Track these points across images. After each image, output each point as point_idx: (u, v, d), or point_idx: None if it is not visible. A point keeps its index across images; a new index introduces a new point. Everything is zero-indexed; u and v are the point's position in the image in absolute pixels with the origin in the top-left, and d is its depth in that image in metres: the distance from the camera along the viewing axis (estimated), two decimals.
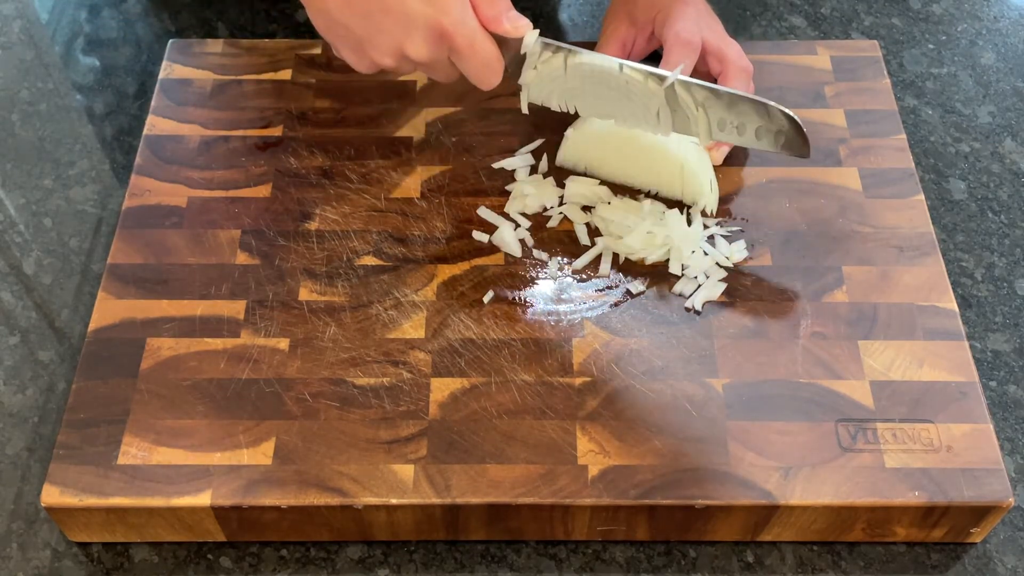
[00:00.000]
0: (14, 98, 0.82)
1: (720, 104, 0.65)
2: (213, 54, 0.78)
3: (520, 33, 0.63)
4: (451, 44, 0.60)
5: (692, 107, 0.65)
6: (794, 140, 0.65)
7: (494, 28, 0.62)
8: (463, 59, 0.62)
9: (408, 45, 0.60)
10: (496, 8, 0.61)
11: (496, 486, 0.58)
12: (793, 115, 0.64)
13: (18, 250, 0.73)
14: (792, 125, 0.64)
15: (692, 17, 0.71)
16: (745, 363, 0.62)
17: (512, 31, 0.62)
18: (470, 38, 0.60)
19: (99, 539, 0.60)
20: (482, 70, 0.62)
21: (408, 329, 0.64)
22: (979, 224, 0.74)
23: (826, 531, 0.60)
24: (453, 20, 0.59)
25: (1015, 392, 0.67)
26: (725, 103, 0.65)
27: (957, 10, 0.88)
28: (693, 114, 0.65)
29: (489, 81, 0.63)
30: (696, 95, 0.64)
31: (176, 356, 0.62)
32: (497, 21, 0.61)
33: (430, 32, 0.60)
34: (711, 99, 0.64)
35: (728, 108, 0.65)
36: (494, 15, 0.61)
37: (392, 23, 0.60)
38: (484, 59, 0.62)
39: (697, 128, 0.66)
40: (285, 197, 0.70)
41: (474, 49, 0.61)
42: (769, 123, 0.65)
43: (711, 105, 0.65)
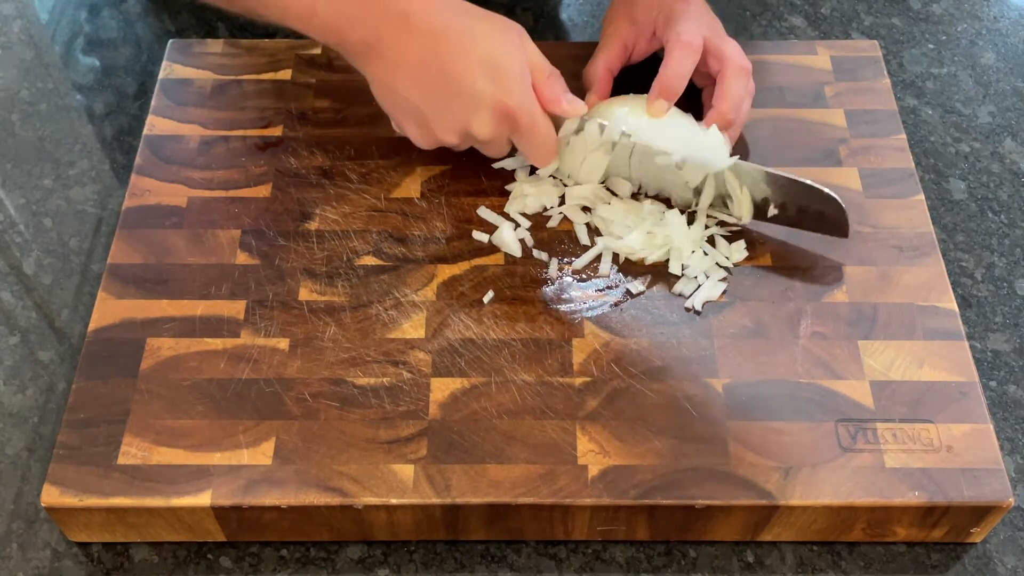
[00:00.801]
0: (14, 98, 0.82)
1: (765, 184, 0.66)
2: (213, 54, 0.78)
3: (578, 114, 0.66)
4: (514, 124, 0.64)
5: (736, 187, 0.67)
6: (833, 221, 0.66)
7: (552, 109, 0.65)
8: (523, 138, 0.65)
9: (474, 124, 0.63)
10: (554, 90, 0.65)
11: (496, 486, 0.58)
12: (838, 199, 0.65)
13: (18, 250, 0.73)
14: (835, 208, 0.65)
15: (693, 18, 0.71)
16: (745, 363, 0.62)
17: (571, 112, 0.66)
18: (531, 118, 0.64)
19: (99, 539, 0.60)
20: (540, 149, 0.66)
21: (408, 329, 0.64)
22: (979, 224, 0.74)
23: (826, 531, 0.60)
24: (517, 101, 0.63)
25: (1015, 392, 0.67)
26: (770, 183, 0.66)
27: (957, 10, 0.88)
28: (736, 194, 0.67)
29: (546, 159, 0.67)
30: (743, 176, 0.66)
31: (176, 356, 0.62)
32: (557, 102, 0.65)
33: (495, 112, 0.63)
34: (758, 181, 0.66)
35: (772, 189, 0.66)
36: (553, 96, 0.65)
37: (460, 103, 0.63)
38: (543, 139, 0.65)
39: (739, 208, 0.68)
40: (285, 197, 0.70)
41: (535, 130, 0.64)
42: (812, 204, 0.66)
43: (756, 185, 0.67)
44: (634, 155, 0.68)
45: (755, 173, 0.66)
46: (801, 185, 0.65)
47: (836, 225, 0.66)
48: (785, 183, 0.66)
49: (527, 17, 0.88)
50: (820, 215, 0.66)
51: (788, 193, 0.66)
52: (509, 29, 0.64)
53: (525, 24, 0.67)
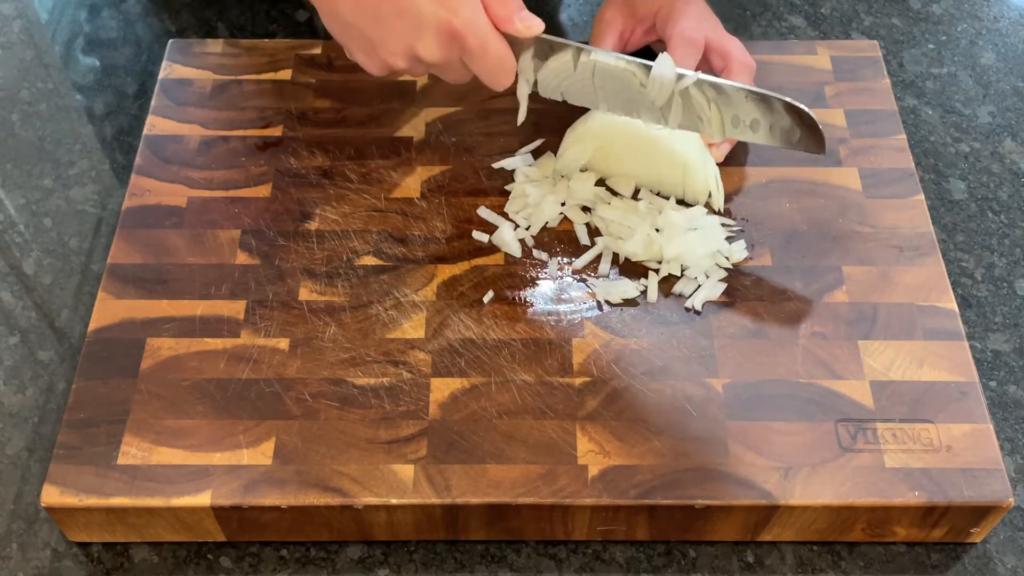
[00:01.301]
0: (14, 98, 0.82)
1: (733, 101, 0.64)
2: (213, 54, 0.78)
3: (533, 33, 0.62)
4: (462, 45, 0.60)
5: (704, 105, 0.65)
6: (808, 136, 0.64)
7: (506, 28, 0.61)
8: (475, 60, 0.62)
9: (419, 46, 0.60)
10: (508, 8, 0.61)
11: (496, 486, 0.58)
12: (808, 111, 0.63)
13: (18, 250, 0.73)
14: (805, 121, 0.64)
15: (695, 15, 0.71)
16: (745, 363, 0.62)
17: (524, 31, 0.62)
18: (482, 38, 0.60)
19: (99, 539, 0.60)
20: (494, 71, 0.62)
21: (408, 329, 0.64)
22: (979, 224, 0.74)
23: (826, 531, 0.60)
24: (464, 20, 0.59)
25: (1015, 392, 0.67)
26: (738, 99, 0.64)
27: (957, 10, 0.88)
28: (705, 112, 0.65)
29: (501, 82, 0.63)
30: (708, 92, 0.64)
31: (176, 356, 0.62)
32: (509, 21, 0.61)
33: (441, 33, 0.60)
34: (724, 96, 0.64)
35: (741, 105, 0.64)
36: (506, 15, 0.61)
37: (403, 24, 0.60)
38: (496, 60, 0.62)
39: (710, 126, 0.65)
40: (285, 197, 0.70)
41: (486, 50, 0.61)
42: (782, 119, 0.64)
43: (724, 102, 0.64)
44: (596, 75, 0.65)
45: (722, 87, 0.64)
46: (769, 98, 0.64)
47: (811, 139, 0.65)
48: (753, 97, 0.64)
49: None
50: (793, 131, 0.65)
51: (758, 109, 0.64)
52: None
53: None
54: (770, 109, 0.64)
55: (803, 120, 0.64)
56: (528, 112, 0.68)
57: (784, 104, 0.63)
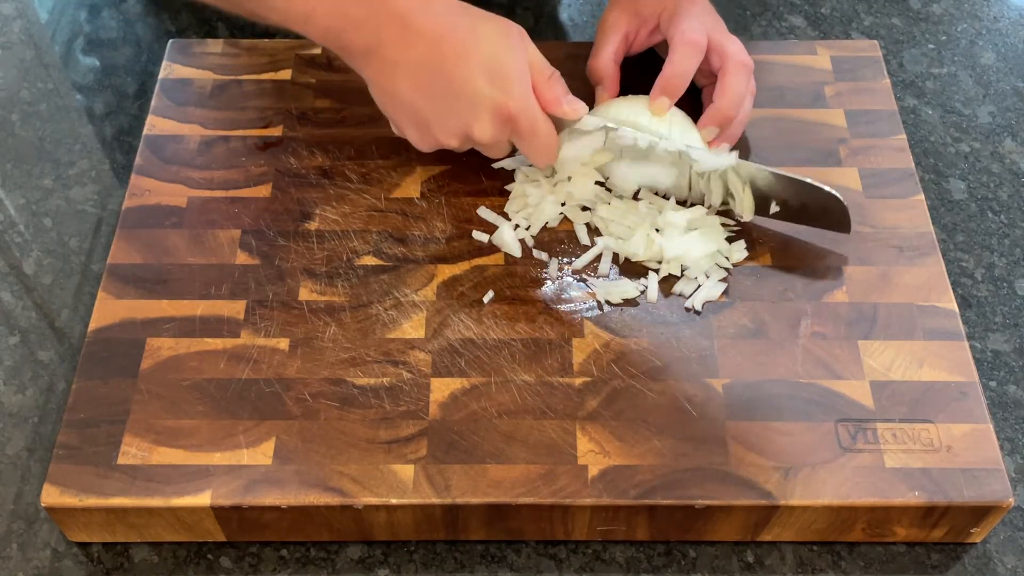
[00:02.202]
0: (14, 98, 0.82)
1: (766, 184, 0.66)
2: (213, 54, 0.78)
3: (578, 116, 0.66)
4: (515, 127, 0.64)
5: (739, 186, 0.67)
6: (835, 218, 0.66)
7: (553, 110, 0.65)
8: (524, 141, 0.65)
9: (475, 127, 0.63)
10: (555, 92, 0.65)
11: (496, 486, 0.58)
12: (838, 196, 0.65)
13: (18, 250, 0.73)
14: (837, 205, 0.65)
15: (698, 16, 0.71)
16: (745, 363, 0.62)
17: (571, 114, 0.65)
18: (532, 121, 0.64)
19: (99, 539, 0.60)
20: (542, 151, 0.66)
21: (408, 329, 0.64)
22: (979, 224, 0.74)
23: (826, 531, 0.60)
24: (518, 104, 0.62)
25: (1015, 392, 0.67)
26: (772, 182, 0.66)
27: (957, 10, 0.88)
28: (738, 192, 0.67)
29: (546, 161, 0.67)
30: (743, 175, 0.66)
31: (176, 356, 0.62)
32: (557, 103, 0.65)
33: (496, 115, 0.62)
34: (759, 178, 0.66)
35: (773, 188, 0.66)
36: (553, 98, 0.65)
37: (461, 106, 0.62)
38: (544, 141, 0.65)
39: (740, 204, 0.68)
40: (285, 197, 0.70)
41: (535, 132, 0.64)
42: (812, 202, 0.66)
43: (757, 184, 0.67)
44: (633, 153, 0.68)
45: (755, 171, 0.66)
46: (802, 183, 0.65)
47: (838, 221, 0.67)
48: (786, 181, 0.66)
49: (527, 17, 0.88)
50: (822, 211, 0.66)
51: (789, 190, 0.66)
52: (510, 30, 0.64)
53: (525, 24, 0.67)
54: (802, 192, 0.66)
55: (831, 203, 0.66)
56: None
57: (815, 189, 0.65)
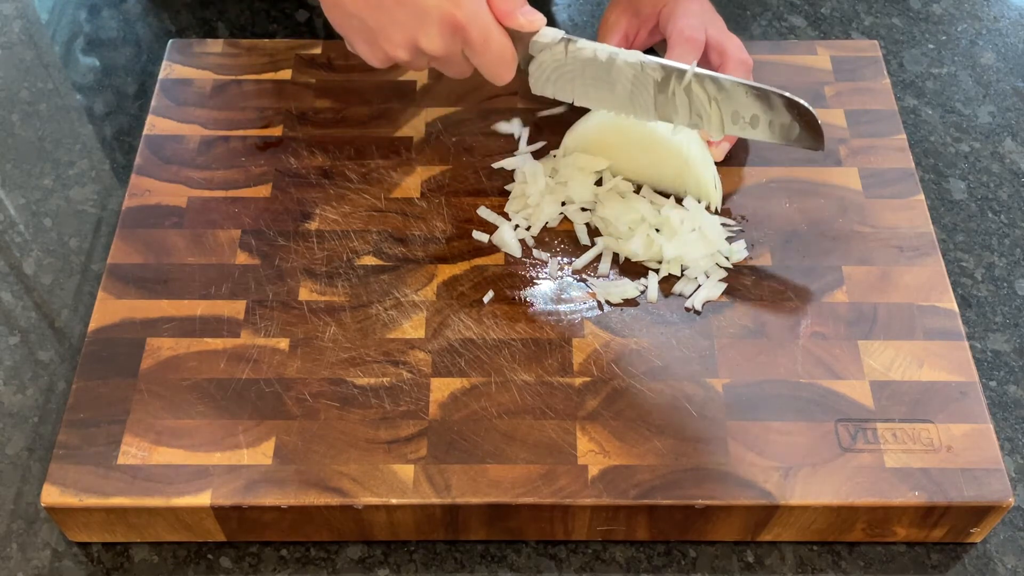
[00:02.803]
0: (14, 98, 0.82)
1: (733, 97, 0.64)
2: (213, 54, 0.78)
3: (535, 28, 0.63)
4: (465, 37, 0.61)
5: (705, 102, 0.64)
6: (807, 132, 0.64)
7: (508, 22, 0.62)
8: (476, 53, 0.62)
9: (422, 37, 0.61)
10: (510, 3, 0.61)
11: (496, 486, 0.58)
12: (807, 106, 0.63)
13: (18, 250, 0.73)
14: (804, 117, 0.63)
15: (697, 13, 0.71)
16: (745, 363, 0.62)
17: (527, 25, 0.62)
18: (484, 32, 0.61)
19: (99, 539, 0.60)
20: (496, 65, 0.62)
21: (408, 329, 0.64)
22: (979, 224, 0.74)
23: (826, 531, 0.60)
24: (467, 13, 0.60)
25: (1015, 392, 0.67)
26: (738, 95, 0.64)
27: (957, 10, 0.88)
28: (706, 109, 0.65)
29: (502, 76, 0.63)
30: (708, 88, 0.64)
31: (176, 356, 0.62)
32: (512, 15, 0.62)
33: (444, 24, 0.60)
34: (723, 92, 0.64)
35: (741, 100, 0.64)
36: (508, 10, 0.61)
37: (406, 15, 0.60)
38: (498, 53, 0.62)
39: (710, 123, 0.65)
40: (285, 197, 0.70)
41: (488, 43, 0.61)
42: (781, 115, 0.64)
43: (723, 98, 0.64)
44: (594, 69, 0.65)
45: (722, 83, 0.64)
46: (770, 92, 0.63)
47: (810, 136, 0.64)
48: (753, 92, 0.64)
49: None
50: (792, 127, 0.64)
51: (758, 105, 0.64)
52: None
53: None
54: (769, 105, 0.64)
55: (802, 116, 0.63)
56: (530, 112, 0.68)
57: (784, 100, 0.63)
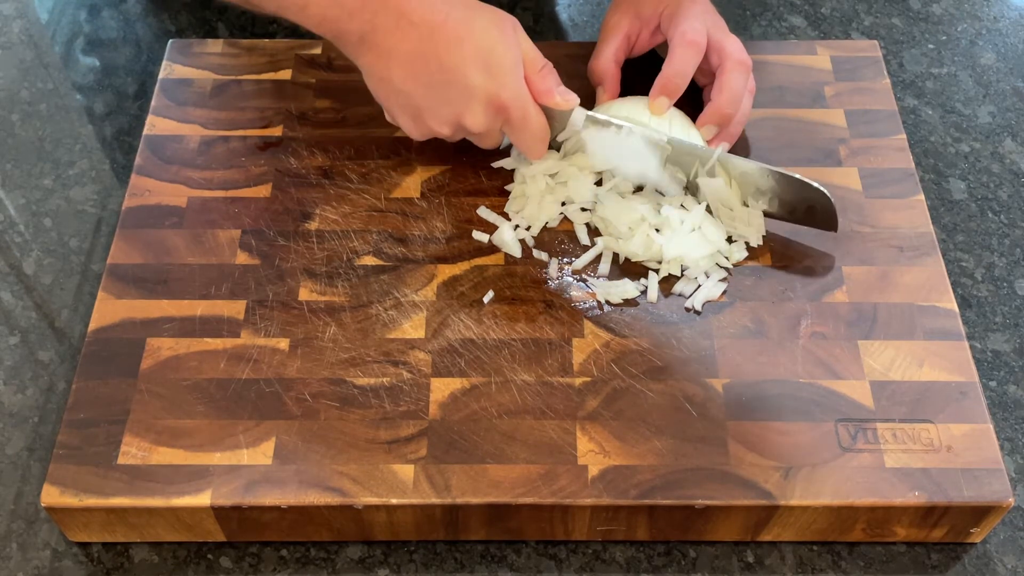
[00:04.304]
0: (14, 98, 0.82)
1: (753, 178, 0.66)
2: (213, 54, 0.78)
3: (570, 107, 0.66)
4: (506, 117, 0.64)
5: (726, 181, 0.67)
6: (823, 214, 0.66)
7: (545, 101, 0.66)
8: (515, 131, 0.66)
9: (467, 116, 0.64)
10: (547, 83, 0.65)
11: (496, 486, 0.58)
12: (824, 191, 0.65)
13: (18, 250, 0.73)
14: (821, 200, 0.65)
15: (698, 15, 0.71)
16: (745, 363, 0.62)
17: (563, 104, 0.66)
18: (524, 111, 0.64)
19: (99, 539, 0.60)
20: (533, 142, 0.66)
21: (408, 329, 0.64)
22: (979, 224, 0.74)
23: (826, 531, 0.60)
24: (510, 94, 0.63)
25: (1015, 392, 0.67)
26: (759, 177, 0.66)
27: (957, 10, 0.88)
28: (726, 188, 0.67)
29: (538, 152, 0.67)
30: (731, 170, 0.67)
31: (176, 356, 0.62)
32: (549, 95, 0.65)
33: (489, 105, 0.63)
34: (745, 174, 0.66)
35: (762, 182, 0.66)
36: (546, 89, 0.65)
37: (454, 95, 0.63)
38: (535, 132, 0.66)
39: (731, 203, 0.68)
40: (285, 197, 0.70)
41: (527, 122, 0.65)
42: (800, 200, 0.66)
43: (744, 180, 0.67)
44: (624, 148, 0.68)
45: (743, 166, 0.66)
46: (790, 179, 0.65)
47: (826, 219, 0.66)
48: (774, 177, 0.66)
49: (527, 17, 0.88)
50: (811, 209, 0.66)
51: (777, 187, 0.66)
52: (504, 22, 0.64)
53: (525, 24, 0.67)
54: (788, 186, 0.66)
55: (818, 199, 0.66)
56: None
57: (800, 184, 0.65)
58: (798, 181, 0.65)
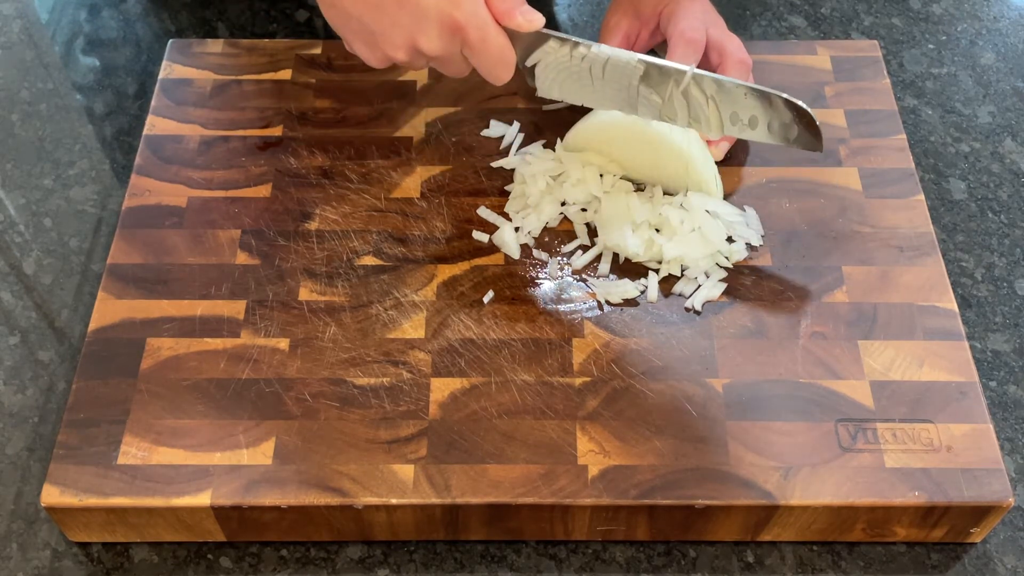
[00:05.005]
0: (14, 98, 0.82)
1: (731, 97, 0.64)
2: (213, 54, 0.78)
3: (533, 27, 0.62)
4: (463, 37, 0.61)
5: (703, 102, 0.64)
6: (806, 133, 0.64)
7: (506, 22, 0.62)
8: (475, 53, 0.62)
9: (421, 38, 0.61)
10: (508, 2, 0.61)
11: (496, 486, 0.58)
12: (806, 108, 0.63)
13: (18, 250, 0.73)
14: (803, 118, 0.63)
15: (698, 15, 0.71)
16: (745, 363, 0.62)
17: (525, 25, 0.62)
18: (482, 31, 0.60)
19: (99, 539, 0.60)
20: (494, 64, 0.62)
21: (408, 329, 0.64)
22: (979, 224, 0.74)
23: (826, 531, 0.60)
24: (466, 13, 0.60)
25: (1015, 392, 0.67)
26: (737, 96, 0.64)
27: (957, 10, 0.88)
28: (704, 110, 0.65)
29: (500, 76, 0.63)
30: (707, 89, 0.64)
31: (176, 356, 0.62)
32: (510, 15, 0.61)
33: (443, 25, 0.60)
34: (722, 92, 0.64)
35: (739, 101, 0.64)
36: (506, 9, 0.61)
37: (405, 16, 0.60)
38: (496, 54, 0.62)
39: (708, 124, 0.65)
40: (285, 197, 0.70)
41: (486, 43, 0.61)
42: (780, 116, 0.64)
43: (722, 99, 0.64)
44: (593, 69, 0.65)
45: (721, 84, 0.64)
46: (767, 94, 0.63)
47: (809, 137, 0.64)
48: (752, 93, 0.64)
49: None
50: (791, 128, 0.64)
51: (757, 106, 0.64)
52: None
53: None
54: (768, 105, 0.64)
55: (801, 117, 0.63)
56: (530, 112, 0.67)
57: (782, 100, 0.63)
58: (777, 98, 0.63)
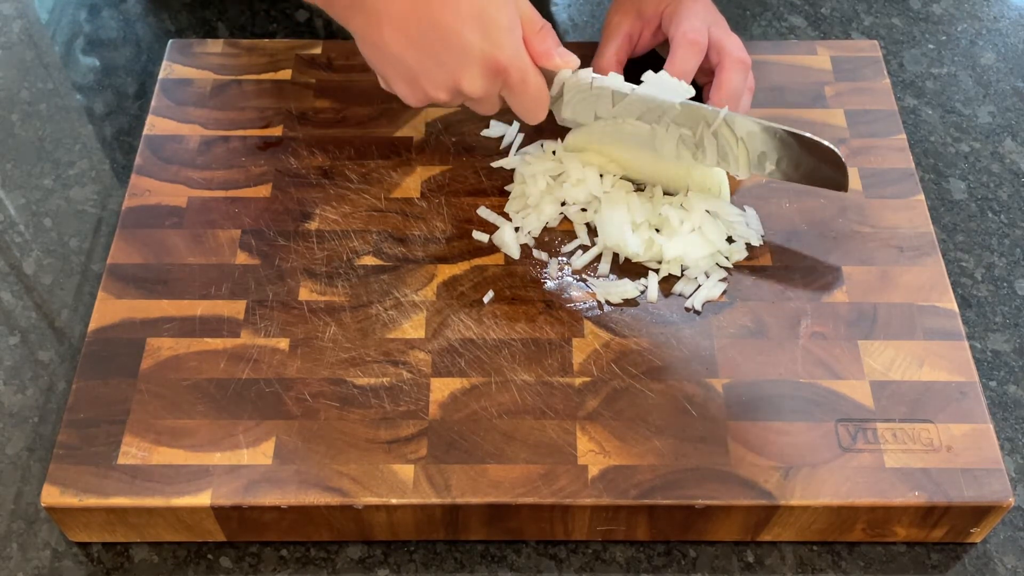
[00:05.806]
0: (14, 98, 0.82)
1: (762, 139, 0.65)
2: (213, 54, 0.78)
3: (570, 68, 0.64)
4: (505, 79, 0.62)
5: (732, 143, 0.65)
6: (832, 173, 0.65)
7: (544, 63, 0.63)
8: (515, 95, 0.63)
9: (464, 79, 0.61)
10: (546, 44, 0.63)
11: (496, 486, 0.58)
12: (833, 148, 0.64)
13: (18, 250, 0.73)
14: (830, 158, 0.64)
15: (700, 15, 0.71)
16: (745, 363, 0.62)
17: (562, 65, 0.64)
18: (523, 73, 0.62)
19: (99, 539, 0.60)
20: (532, 105, 0.64)
21: (408, 329, 0.64)
22: (979, 224, 0.74)
23: (826, 531, 0.60)
24: (508, 55, 0.61)
25: (1015, 392, 0.67)
26: (767, 138, 0.65)
27: (957, 10, 0.88)
28: (733, 150, 0.66)
29: (537, 116, 0.65)
30: (737, 131, 0.65)
31: (176, 356, 0.62)
32: (548, 56, 0.63)
33: (486, 67, 0.61)
34: (751, 133, 0.65)
35: (769, 143, 0.65)
36: (545, 50, 0.63)
37: (449, 57, 0.60)
38: (535, 94, 0.63)
39: (736, 164, 0.66)
40: (285, 197, 0.70)
41: (526, 84, 0.62)
42: (809, 157, 0.65)
43: (751, 140, 0.65)
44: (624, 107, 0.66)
45: (751, 126, 0.64)
46: (798, 137, 0.64)
47: (835, 178, 0.65)
48: (782, 136, 0.64)
49: None
50: (818, 169, 0.65)
51: (785, 147, 0.65)
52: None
53: None
54: (798, 147, 0.64)
55: (827, 157, 0.64)
56: None
57: (809, 141, 0.64)
58: (807, 139, 0.64)
